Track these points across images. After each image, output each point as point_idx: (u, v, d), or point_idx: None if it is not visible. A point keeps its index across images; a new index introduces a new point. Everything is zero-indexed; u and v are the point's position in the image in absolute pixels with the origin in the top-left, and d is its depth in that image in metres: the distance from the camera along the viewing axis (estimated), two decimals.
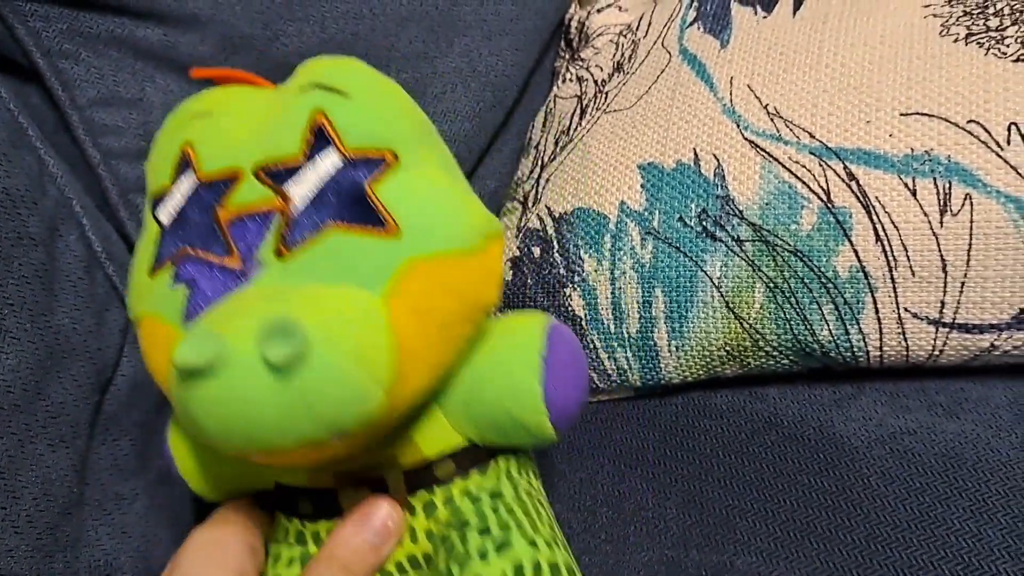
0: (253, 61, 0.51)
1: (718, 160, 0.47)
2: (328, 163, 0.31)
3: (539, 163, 0.55)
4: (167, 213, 0.33)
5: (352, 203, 0.31)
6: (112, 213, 0.48)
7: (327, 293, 0.29)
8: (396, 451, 0.34)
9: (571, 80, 0.59)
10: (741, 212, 0.46)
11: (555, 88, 0.60)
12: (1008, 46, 0.44)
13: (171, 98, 0.49)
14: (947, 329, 0.45)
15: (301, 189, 0.31)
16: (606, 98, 0.54)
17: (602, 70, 0.57)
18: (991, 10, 0.46)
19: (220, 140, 0.34)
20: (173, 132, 0.35)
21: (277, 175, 0.32)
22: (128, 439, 0.47)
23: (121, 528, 0.47)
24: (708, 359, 0.49)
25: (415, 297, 0.30)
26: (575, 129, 0.55)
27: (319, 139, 0.32)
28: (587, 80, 0.57)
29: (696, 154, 0.48)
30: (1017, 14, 0.45)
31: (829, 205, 0.44)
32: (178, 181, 0.33)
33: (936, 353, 0.46)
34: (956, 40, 0.45)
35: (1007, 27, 0.45)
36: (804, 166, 0.45)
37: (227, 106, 0.35)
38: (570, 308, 0.49)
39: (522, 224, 0.52)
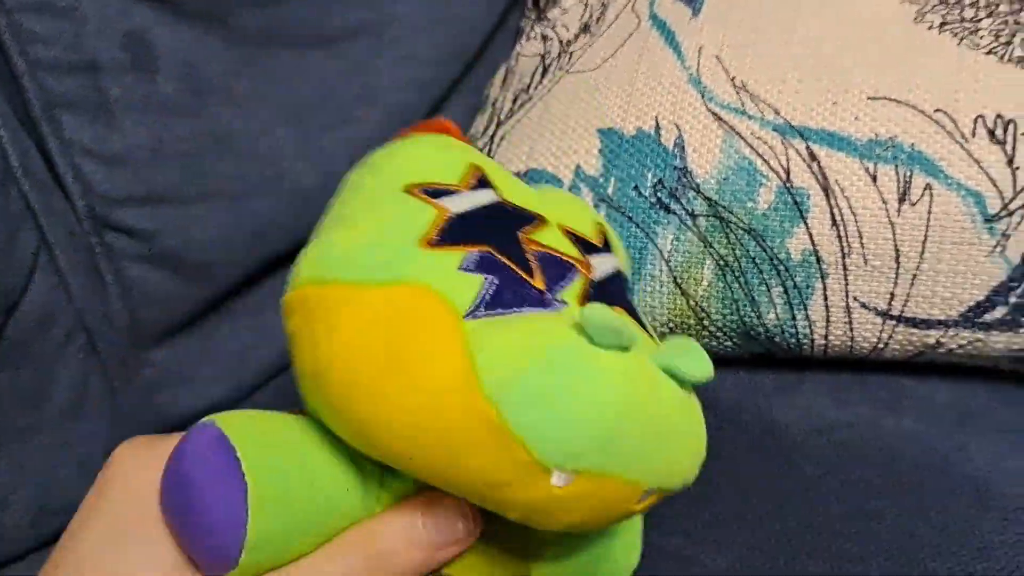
0: None
1: (679, 130, 0.45)
2: (615, 262, 0.34)
3: (495, 120, 0.53)
4: (456, 205, 0.31)
5: (628, 303, 0.33)
6: (33, 127, 0.45)
7: None
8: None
9: (535, 38, 0.56)
10: (698, 185, 0.44)
11: (518, 46, 0.57)
12: (982, 38, 0.43)
13: (109, 11, 0.46)
14: (894, 322, 0.44)
15: (600, 266, 0.33)
16: (570, 58, 0.52)
17: (568, 30, 0.55)
18: (967, 1, 0.45)
19: (512, 185, 0.34)
20: (447, 149, 0.34)
21: (580, 243, 0.33)
22: (32, 368, 0.44)
23: (19, 462, 0.45)
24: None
25: None
26: (535, 88, 0.53)
27: (607, 243, 0.35)
28: (552, 39, 0.55)
29: (658, 122, 0.46)
30: (992, 7, 0.44)
31: (788, 185, 0.43)
32: (475, 189, 0.32)
33: (881, 346, 0.45)
34: (930, 28, 0.44)
35: (982, 19, 0.44)
36: (766, 142, 0.44)
37: (485, 159, 0.36)
38: None
39: None
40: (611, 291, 0.32)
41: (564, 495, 0.25)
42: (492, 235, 0.30)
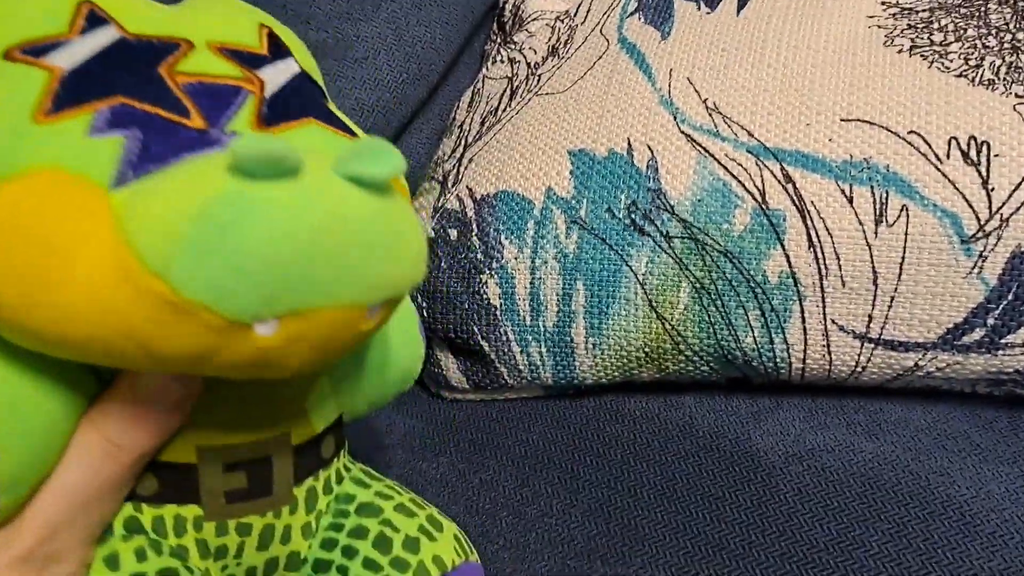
0: None
1: (652, 151, 0.45)
2: (292, 66, 0.29)
3: (463, 142, 0.52)
4: (68, 59, 0.25)
5: (322, 109, 0.29)
6: None
7: None
8: (288, 424, 0.29)
9: (502, 61, 0.56)
10: (672, 207, 0.44)
11: (484, 69, 0.57)
12: (951, 61, 0.43)
13: None
14: (872, 345, 0.43)
15: (274, 78, 0.28)
16: (538, 81, 0.52)
17: (536, 53, 0.54)
18: (935, 25, 0.45)
19: (141, 12, 0.28)
20: None
21: (241, 57, 0.28)
22: None
23: None
24: (625, 360, 0.46)
25: None
26: (504, 110, 0.52)
27: (276, 46, 0.30)
28: (519, 62, 0.55)
29: (630, 144, 0.45)
30: (961, 31, 0.45)
31: (764, 206, 0.42)
32: (87, 33, 0.26)
33: (859, 370, 0.44)
34: (900, 51, 0.44)
35: (951, 43, 0.44)
36: (740, 164, 0.43)
37: None
38: (485, 296, 0.46)
39: (439, 204, 0.49)
40: (294, 103, 0.28)
41: (278, 342, 0.22)
42: (122, 81, 0.25)
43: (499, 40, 0.58)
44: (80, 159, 0.23)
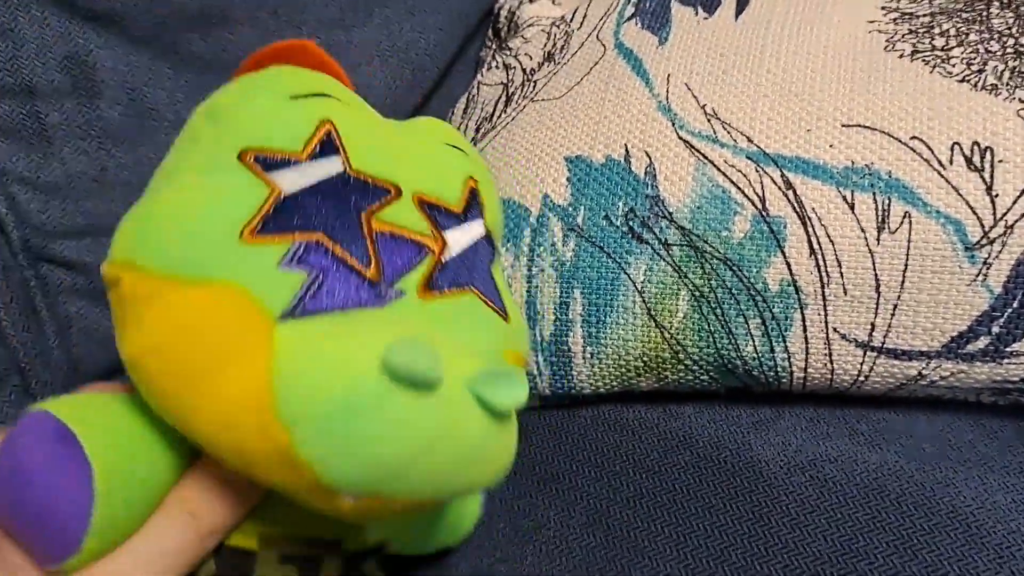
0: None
1: (650, 158, 0.44)
2: (479, 229, 0.32)
3: None
4: (292, 181, 0.28)
5: (486, 279, 0.32)
6: None
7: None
8: (344, 532, 0.31)
9: (497, 67, 0.55)
10: (671, 214, 0.43)
11: (479, 75, 0.56)
12: (954, 66, 0.43)
13: (49, 33, 0.43)
14: (875, 353, 0.42)
15: (457, 240, 0.31)
16: (534, 87, 0.51)
17: (531, 59, 0.54)
18: (937, 30, 0.45)
19: (369, 142, 0.31)
20: (298, 97, 0.30)
21: (436, 214, 0.31)
22: None
23: None
24: (624, 369, 0.45)
25: None
26: (499, 116, 0.51)
27: (472, 203, 0.33)
28: (514, 68, 0.54)
29: (627, 150, 0.45)
30: (963, 36, 0.44)
31: (764, 213, 0.42)
32: (319, 158, 0.29)
33: (861, 379, 0.43)
34: (901, 56, 0.44)
35: (953, 47, 0.44)
36: (740, 171, 0.42)
37: (351, 100, 0.32)
38: None
39: None
40: (464, 268, 0.31)
41: (354, 510, 0.25)
42: (327, 218, 0.28)
43: (494, 46, 0.58)
44: (264, 285, 0.26)
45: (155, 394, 0.26)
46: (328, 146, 0.29)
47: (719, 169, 0.43)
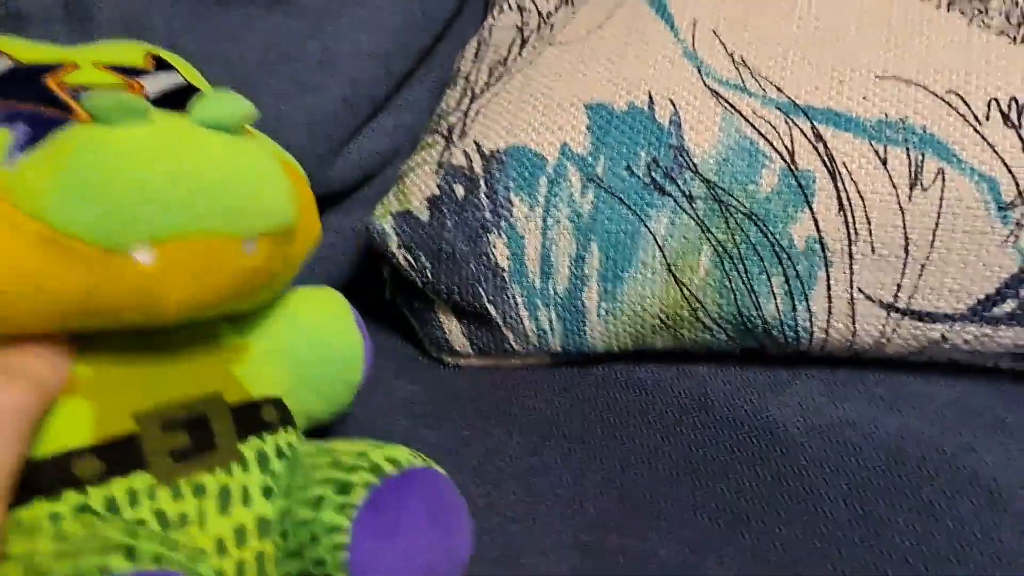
0: None
1: (675, 106, 0.42)
2: (177, 78, 0.32)
3: (469, 94, 0.49)
4: None
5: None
6: None
7: None
8: (217, 385, 0.29)
9: (511, 9, 0.53)
10: (695, 165, 0.41)
11: (490, 17, 0.54)
12: (992, 19, 0.41)
13: None
14: (899, 315, 0.41)
15: (154, 84, 0.31)
16: (551, 30, 0.49)
17: (547, 1, 0.51)
18: None
19: (31, 47, 0.31)
20: None
21: (124, 71, 0.31)
22: None
23: None
24: (639, 327, 0.44)
25: None
26: (514, 60, 0.49)
27: (162, 66, 0.33)
28: (529, 10, 0.52)
29: (651, 97, 0.43)
30: None
31: (792, 167, 0.40)
32: None
33: (884, 341, 0.42)
34: (939, 7, 0.42)
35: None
36: (768, 122, 0.41)
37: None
38: (493, 257, 0.43)
39: (444, 160, 0.46)
40: (173, 101, 0.30)
41: (157, 270, 0.24)
42: (15, 91, 0.28)
43: None
44: None
45: None
46: None
47: (747, 119, 0.41)
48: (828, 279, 0.41)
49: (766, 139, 0.41)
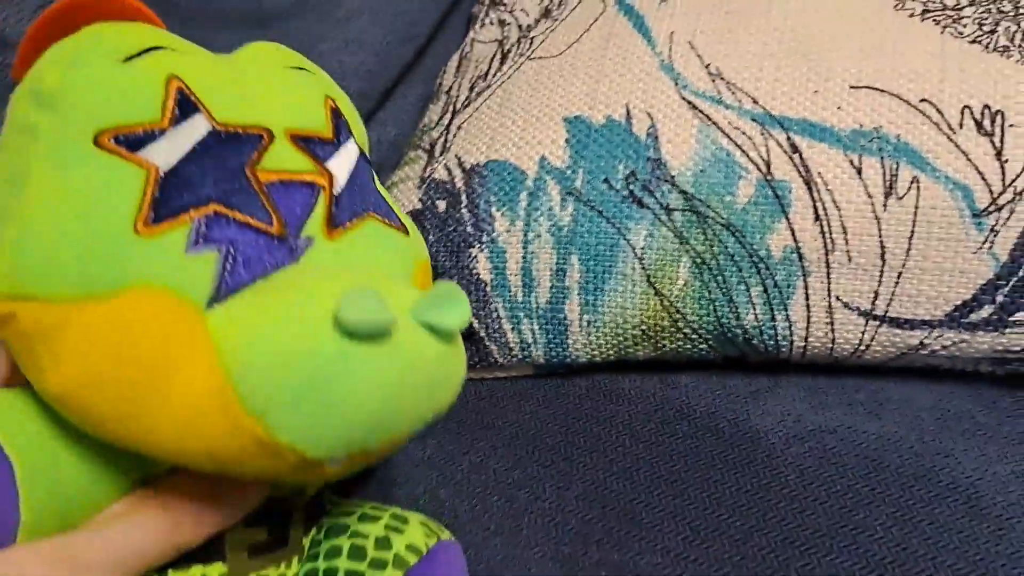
0: None
1: (652, 119, 0.43)
2: (354, 151, 0.31)
3: (451, 109, 0.49)
4: (165, 155, 0.26)
5: (378, 200, 0.31)
6: None
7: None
8: (303, 481, 0.31)
9: (491, 24, 0.53)
10: (673, 178, 0.42)
11: (472, 32, 0.54)
12: (965, 26, 0.41)
13: None
14: (877, 322, 0.42)
15: (340, 169, 0.30)
16: (531, 44, 0.49)
17: (527, 15, 0.52)
18: None
19: (221, 87, 0.28)
20: (131, 57, 0.27)
21: (312, 147, 0.29)
22: None
23: None
24: (621, 338, 0.44)
25: None
26: (494, 75, 0.49)
27: (339, 124, 0.31)
28: (510, 24, 0.52)
29: (628, 111, 0.43)
30: None
31: (768, 177, 0.41)
32: (181, 121, 0.26)
33: (863, 348, 0.43)
34: (912, 15, 0.43)
35: (964, 7, 0.42)
36: (744, 133, 0.41)
37: (183, 47, 0.29)
38: (475, 271, 0.44)
39: (427, 174, 0.46)
40: (357, 195, 0.30)
41: (338, 470, 0.25)
42: (215, 185, 0.26)
43: (488, 1, 0.56)
44: (180, 277, 0.24)
45: (97, 423, 0.24)
46: (186, 105, 0.27)
47: (723, 131, 0.41)
48: (806, 288, 0.41)
49: (742, 150, 0.41)
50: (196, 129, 0.26)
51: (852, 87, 0.41)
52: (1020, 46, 0.40)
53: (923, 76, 0.40)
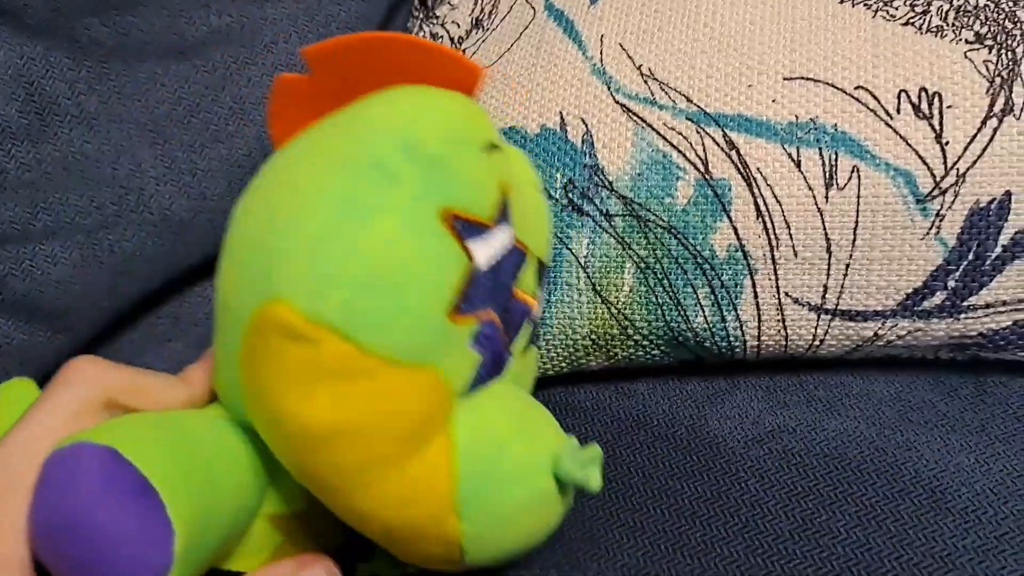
0: None
1: (586, 125, 0.42)
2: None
3: None
4: (483, 254, 0.29)
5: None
6: None
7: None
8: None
9: (424, 37, 0.52)
10: (611, 183, 0.41)
11: None
12: (897, 9, 0.41)
13: None
14: (829, 316, 0.41)
15: (541, 298, 0.35)
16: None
17: (459, 27, 0.51)
18: None
19: (519, 201, 0.33)
20: (486, 149, 0.30)
21: (543, 273, 0.35)
22: None
23: None
24: (572, 349, 0.43)
25: None
26: None
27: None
28: (442, 37, 0.51)
29: (563, 118, 0.42)
30: None
31: (707, 176, 0.40)
32: (499, 227, 0.30)
33: (816, 343, 0.42)
34: (842, 2, 0.42)
35: None
36: (680, 133, 0.40)
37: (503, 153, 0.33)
38: None
39: None
40: (538, 323, 0.35)
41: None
42: (497, 295, 0.29)
43: (421, 15, 0.55)
44: (454, 367, 0.27)
45: (327, 469, 0.26)
46: (505, 211, 0.30)
47: (658, 133, 0.40)
48: (754, 287, 0.40)
49: (679, 151, 0.40)
50: (505, 238, 0.30)
51: (786, 79, 0.40)
52: (954, 25, 0.39)
53: (856, 62, 0.39)
